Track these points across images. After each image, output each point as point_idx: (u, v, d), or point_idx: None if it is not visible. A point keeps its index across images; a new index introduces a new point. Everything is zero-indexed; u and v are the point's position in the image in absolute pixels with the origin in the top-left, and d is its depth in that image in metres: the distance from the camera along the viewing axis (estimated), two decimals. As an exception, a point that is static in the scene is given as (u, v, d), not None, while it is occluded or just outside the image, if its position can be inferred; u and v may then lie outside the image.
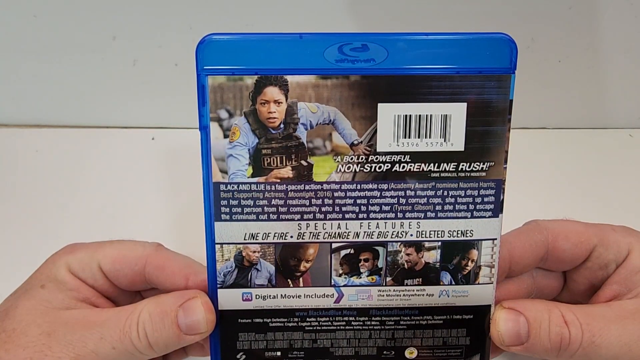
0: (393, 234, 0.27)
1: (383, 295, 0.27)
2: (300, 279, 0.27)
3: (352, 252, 0.27)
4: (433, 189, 0.26)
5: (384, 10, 0.44)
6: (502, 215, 0.27)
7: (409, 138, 0.25)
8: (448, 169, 0.26)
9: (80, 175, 0.46)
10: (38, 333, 0.25)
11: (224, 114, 0.25)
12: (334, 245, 0.27)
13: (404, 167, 0.26)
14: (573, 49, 0.47)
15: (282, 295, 0.27)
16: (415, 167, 0.26)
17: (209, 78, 0.25)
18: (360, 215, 0.26)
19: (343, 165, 0.26)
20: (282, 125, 0.25)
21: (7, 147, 0.48)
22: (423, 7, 0.44)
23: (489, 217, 0.27)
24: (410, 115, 0.25)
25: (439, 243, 0.27)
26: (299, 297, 0.27)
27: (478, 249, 0.27)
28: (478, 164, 0.26)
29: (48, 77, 0.47)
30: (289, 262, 0.27)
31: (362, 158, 0.26)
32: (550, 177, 0.46)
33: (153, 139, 0.49)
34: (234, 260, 0.27)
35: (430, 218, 0.26)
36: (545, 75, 0.48)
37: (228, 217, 0.26)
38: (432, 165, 0.26)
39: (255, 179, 0.26)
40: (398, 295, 0.27)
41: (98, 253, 0.27)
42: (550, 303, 0.27)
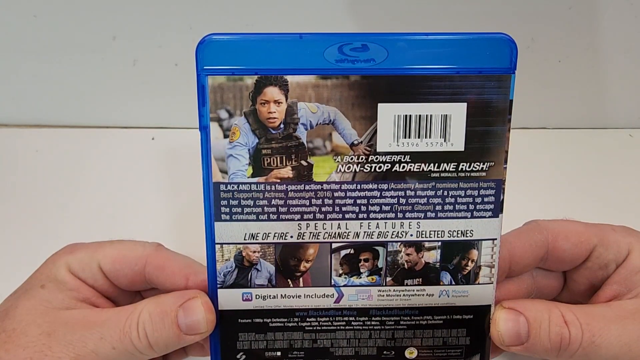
0: (393, 234, 0.27)
1: (383, 295, 0.27)
2: (300, 279, 0.27)
3: (352, 252, 0.27)
4: (433, 189, 0.26)
5: (384, 10, 0.44)
6: (502, 215, 0.27)
7: (409, 138, 0.25)
8: (448, 169, 0.26)
9: (80, 175, 0.46)
10: (38, 333, 0.25)
11: (224, 114, 0.25)
12: (334, 245, 0.27)
13: (404, 167, 0.26)
14: (573, 49, 0.47)
15: (282, 295, 0.27)
16: (415, 167, 0.26)
17: (209, 78, 0.25)
18: (360, 215, 0.26)
19: (343, 165, 0.26)
20: (282, 125, 0.25)
21: (7, 147, 0.48)
22: (423, 7, 0.44)
23: (489, 217, 0.27)
24: (410, 115, 0.25)
25: (439, 243, 0.27)
26: (299, 297, 0.27)
27: (478, 249, 0.27)
28: (478, 164, 0.26)
29: (48, 77, 0.47)
30: (289, 262, 0.27)
31: (362, 158, 0.26)
32: (550, 177, 0.46)
33: (153, 139, 0.49)
34: (234, 260, 0.27)
35: (430, 218, 0.26)
36: (545, 75, 0.48)
37: (228, 217, 0.26)
38: (432, 165, 0.26)
39: (255, 179, 0.26)
40: (398, 295, 0.27)
41: (98, 253, 0.27)
42: (550, 303, 0.27)
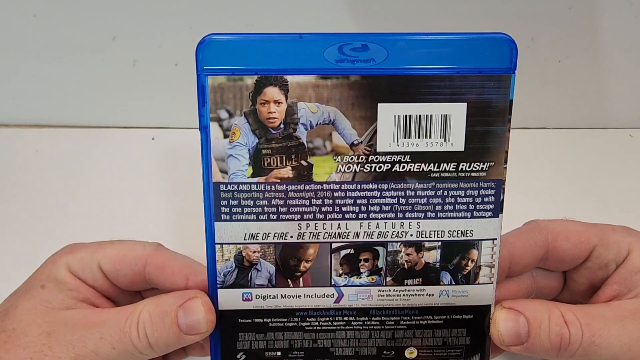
0: (393, 234, 0.27)
1: (383, 295, 0.27)
2: (300, 279, 0.27)
3: (352, 252, 0.27)
4: (433, 189, 0.26)
5: (384, 10, 0.44)
6: (502, 215, 0.27)
7: (409, 138, 0.25)
8: (448, 169, 0.26)
9: (80, 175, 0.46)
10: (38, 333, 0.25)
11: (224, 114, 0.25)
12: (334, 245, 0.27)
13: (404, 167, 0.26)
14: (573, 49, 0.47)
15: (282, 295, 0.27)
16: (415, 167, 0.26)
17: (209, 78, 0.25)
18: (360, 215, 0.26)
19: (343, 165, 0.26)
20: (282, 125, 0.25)
21: (7, 147, 0.48)
22: (423, 7, 0.44)
23: (489, 217, 0.27)
24: (410, 115, 0.25)
25: (439, 243, 0.27)
26: (299, 297, 0.27)
27: (478, 249, 0.27)
28: (478, 164, 0.26)
29: (48, 77, 0.47)
30: (289, 262, 0.27)
31: (362, 158, 0.26)
32: (550, 177, 0.46)
33: (153, 139, 0.49)
34: (234, 260, 0.27)
35: (430, 218, 0.26)
36: (545, 75, 0.48)
37: (228, 217, 0.26)
38: (432, 165, 0.26)
39: (255, 179, 0.26)
40: (398, 295, 0.27)
41: (98, 253, 0.27)
42: (550, 303, 0.27)
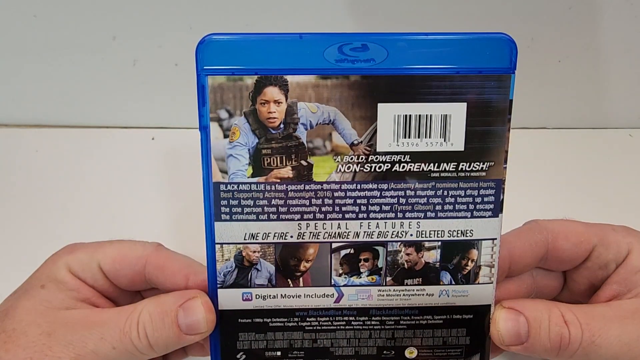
0: (393, 234, 0.27)
1: (383, 295, 0.27)
2: (300, 279, 0.27)
3: (352, 252, 0.27)
4: (433, 189, 0.26)
5: (384, 10, 0.44)
6: (502, 215, 0.27)
7: (409, 138, 0.25)
8: (448, 169, 0.26)
9: (80, 175, 0.46)
10: (38, 333, 0.25)
11: (224, 114, 0.25)
12: (334, 245, 0.27)
13: (404, 167, 0.26)
14: (573, 49, 0.47)
15: (282, 295, 0.27)
16: (415, 167, 0.26)
17: (209, 78, 0.25)
18: (360, 215, 0.26)
19: (343, 165, 0.26)
20: (282, 125, 0.25)
21: (7, 147, 0.48)
22: (423, 7, 0.44)
23: (489, 217, 0.27)
24: (410, 115, 0.25)
25: (439, 243, 0.27)
26: (299, 297, 0.27)
27: (478, 249, 0.27)
28: (478, 164, 0.26)
29: (48, 77, 0.47)
30: (289, 262, 0.27)
31: (362, 158, 0.26)
32: (550, 177, 0.46)
33: (153, 139, 0.49)
34: (234, 260, 0.27)
35: (430, 218, 0.26)
36: (545, 75, 0.48)
37: (228, 217, 0.26)
38: (432, 165, 0.26)
39: (255, 179, 0.26)
40: (398, 295, 0.27)
41: (98, 253, 0.27)
42: (550, 303, 0.27)
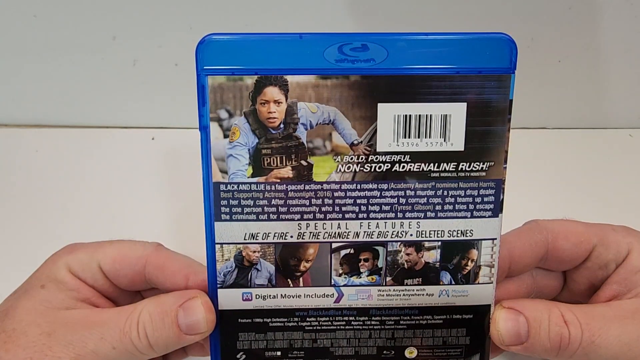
0: (393, 234, 0.27)
1: (383, 295, 0.27)
2: (300, 279, 0.27)
3: (352, 252, 0.27)
4: (433, 189, 0.26)
5: (384, 10, 0.44)
6: (502, 215, 0.27)
7: (409, 138, 0.25)
8: (448, 169, 0.26)
9: (80, 175, 0.46)
10: (38, 333, 0.25)
11: (224, 114, 0.25)
12: (334, 245, 0.27)
13: (404, 167, 0.26)
14: (573, 49, 0.47)
15: (282, 295, 0.27)
16: (415, 167, 0.26)
17: (209, 78, 0.25)
18: (360, 215, 0.26)
19: (343, 165, 0.26)
20: (282, 125, 0.25)
21: (7, 147, 0.48)
22: (423, 7, 0.44)
23: (489, 217, 0.27)
24: (410, 115, 0.25)
25: (439, 243, 0.27)
26: (299, 297, 0.27)
27: (478, 249, 0.27)
28: (478, 164, 0.26)
29: (48, 77, 0.47)
30: (289, 262, 0.27)
31: (362, 158, 0.26)
32: (550, 177, 0.46)
33: (153, 139, 0.49)
34: (234, 260, 0.27)
35: (430, 218, 0.26)
36: (545, 75, 0.48)
37: (228, 217, 0.26)
38: (432, 165, 0.26)
39: (255, 179, 0.26)
40: (398, 295, 0.27)
41: (98, 253, 0.27)
42: (550, 303, 0.27)
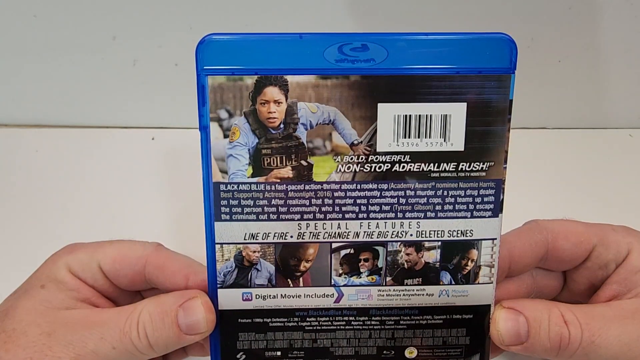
0: (393, 234, 0.27)
1: (383, 295, 0.27)
2: (300, 279, 0.27)
3: (352, 252, 0.27)
4: (433, 189, 0.26)
5: (384, 10, 0.44)
6: (502, 215, 0.27)
7: (409, 138, 0.25)
8: (448, 169, 0.26)
9: (80, 175, 0.46)
10: (38, 333, 0.25)
11: (224, 114, 0.25)
12: (334, 245, 0.27)
13: (404, 167, 0.26)
14: (573, 49, 0.47)
15: (282, 295, 0.27)
16: (415, 167, 0.26)
17: (209, 78, 0.25)
18: (360, 215, 0.26)
19: (343, 165, 0.26)
20: (282, 125, 0.25)
21: (7, 147, 0.48)
22: (423, 7, 0.44)
23: (489, 217, 0.27)
24: (410, 115, 0.25)
25: (439, 243, 0.27)
26: (299, 297, 0.27)
27: (478, 249, 0.27)
28: (478, 164, 0.26)
29: (48, 77, 0.47)
30: (289, 262, 0.27)
31: (362, 158, 0.26)
32: (550, 177, 0.46)
33: (153, 139, 0.49)
34: (234, 260, 0.27)
35: (430, 218, 0.26)
36: (545, 75, 0.48)
37: (228, 217, 0.26)
38: (432, 165, 0.26)
39: (255, 179, 0.26)
40: (398, 295, 0.27)
41: (98, 253, 0.27)
42: (550, 303, 0.27)
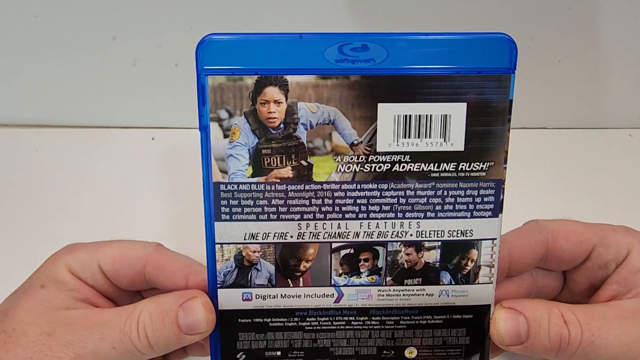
0: (393, 234, 0.27)
1: (383, 295, 0.27)
2: (300, 279, 0.27)
3: (352, 252, 0.27)
4: (433, 189, 0.26)
5: (384, 10, 0.44)
6: (502, 215, 0.27)
7: (409, 138, 0.25)
8: (448, 169, 0.26)
9: (80, 175, 0.46)
10: (38, 333, 0.25)
11: (224, 114, 0.25)
12: (334, 245, 0.27)
13: (404, 167, 0.26)
14: (573, 49, 0.47)
15: (282, 295, 0.27)
16: (415, 167, 0.26)
17: (209, 78, 0.25)
18: (360, 215, 0.26)
19: (343, 165, 0.26)
20: (282, 125, 0.25)
21: (7, 147, 0.48)
22: (423, 7, 0.44)
23: (489, 217, 0.27)
24: (410, 115, 0.25)
25: (439, 243, 0.27)
26: (299, 297, 0.27)
27: (478, 249, 0.27)
28: (478, 164, 0.26)
29: (48, 77, 0.47)
30: (289, 262, 0.27)
31: (362, 158, 0.26)
32: (550, 177, 0.46)
33: (153, 139, 0.49)
34: (234, 260, 0.27)
35: (430, 218, 0.26)
36: (545, 75, 0.48)
37: (228, 217, 0.26)
38: (432, 165, 0.26)
39: (255, 179, 0.26)
40: (398, 295, 0.27)
41: (98, 253, 0.28)
42: (550, 303, 0.27)
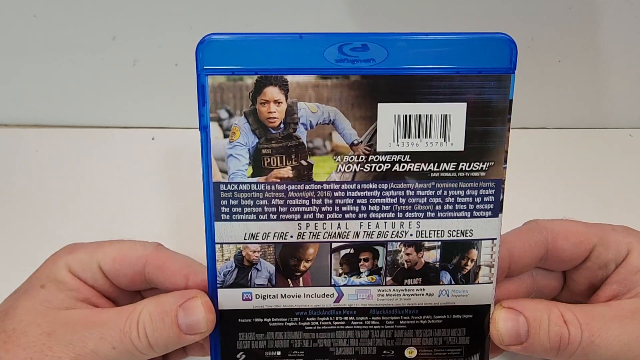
0: (393, 234, 0.27)
1: (383, 295, 0.27)
2: (300, 279, 0.27)
3: (352, 251, 0.27)
4: (433, 189, 0.26)
5: (384, 10, 0.44)
6: (501, 215, 0.27)
7: (409, 138, 0.25)
8: (448, 169, 0.26)
9: (80, 175, 0.46)
10: (38, 333, 0.25)
11: (224, 114, 0.25)
12: (334, 245, 0.27)
13: (404, 167, 0.26)
14: (573, 49, 0.47)
15: (282, 295, 0.27)
16: (415, 167, 0.26)
17: (209, 78, 0.25)
18: (360, 215, 0.26)
19: (343, 165, 0.26)
20: (282, 125, 0.25)
21: (7, 147, 0.48)
22: (423, 7, 0.44)
23: (489, 216, 0.27)
24: (410, 115, 0.25)
25: (439, 243, 0.27)
26: (299, 296, 0.27)
27: (478, 249, 0.27)
28: (478, 164, 0.26)
29: (48, 77, 0.47)
30: (289, 261, 0.27)
31: (362, 158, 0.26)
32: (550, 177, 0.46)
33: (153, 139, 0.49)
34: (234, 260, 0.27)
35: (430, 218, 0.26)
36: (545, 75, 0.48)
37: (228, 217, 0.26)
38: (432, 165, 0.26)
39: (255, 179, 0.26)
40: (398, 295, 0.27)
41: (98, 253, 0.28)
42: (550, 303, 0.27)
